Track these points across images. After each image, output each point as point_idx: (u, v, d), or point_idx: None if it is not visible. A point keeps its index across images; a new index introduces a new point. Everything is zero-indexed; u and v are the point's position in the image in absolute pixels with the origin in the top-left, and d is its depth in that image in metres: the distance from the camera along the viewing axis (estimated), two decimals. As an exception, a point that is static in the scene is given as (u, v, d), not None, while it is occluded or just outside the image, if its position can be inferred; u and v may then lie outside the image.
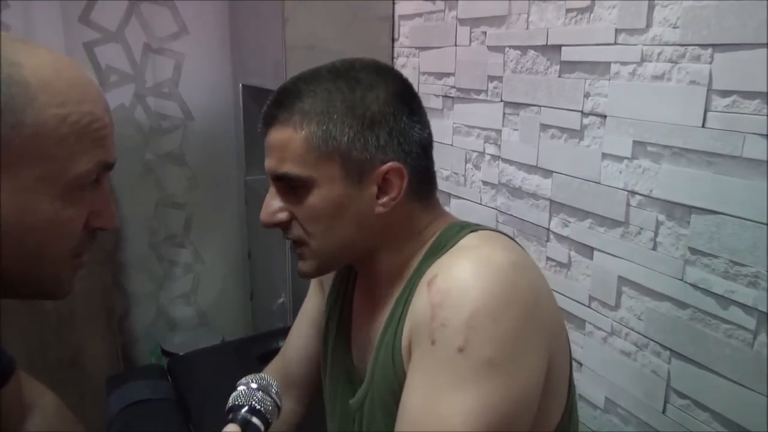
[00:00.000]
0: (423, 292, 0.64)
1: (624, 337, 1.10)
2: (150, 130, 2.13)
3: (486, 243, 0.69)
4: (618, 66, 1.05)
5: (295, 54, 1.62)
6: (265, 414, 0.63)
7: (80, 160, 0.54)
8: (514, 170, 1.32)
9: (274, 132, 0.69)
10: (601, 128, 1.09)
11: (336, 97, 0.67)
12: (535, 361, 0.62)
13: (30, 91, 0.51)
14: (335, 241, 0.71)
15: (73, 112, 0.53)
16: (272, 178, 0.71)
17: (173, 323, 2.33)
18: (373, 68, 0.71)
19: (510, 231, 1.35)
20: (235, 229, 2.34)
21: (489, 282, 0.61)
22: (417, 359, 0.63)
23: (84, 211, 0.57)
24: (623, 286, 1.09)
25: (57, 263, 0.57)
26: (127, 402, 1.27)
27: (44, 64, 0.53)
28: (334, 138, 0.66)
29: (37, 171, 0.52)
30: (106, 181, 0.60)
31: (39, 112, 0.51)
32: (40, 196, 0.53)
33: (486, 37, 1.36)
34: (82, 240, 0.58)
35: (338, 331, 0.84)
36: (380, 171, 0.68)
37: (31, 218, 0.53)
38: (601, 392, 1.16)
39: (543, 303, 0.65)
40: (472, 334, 0.58)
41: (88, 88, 0.56)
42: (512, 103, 1.31)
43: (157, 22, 2.06)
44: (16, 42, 0.53)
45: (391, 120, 0.69)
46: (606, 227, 1.11)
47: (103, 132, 0.56)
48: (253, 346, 1.54)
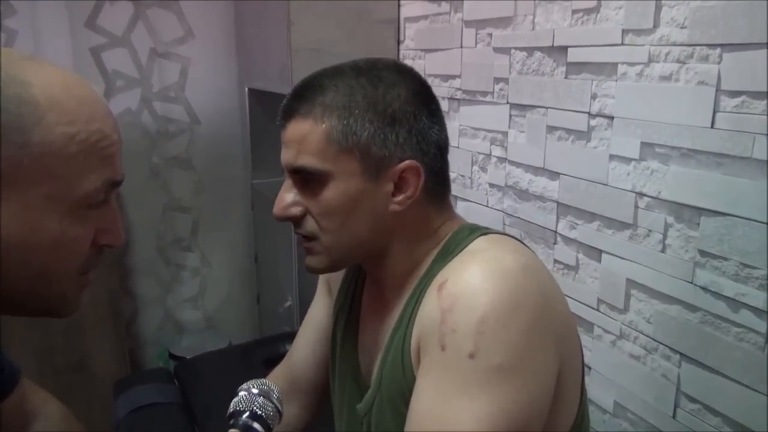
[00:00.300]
0: (433, 296, 0.64)
1: (633, 340, 1.09)
2: (157, 134, 2.13)
3: (495, 246, 0.68)
4: (625, 67, 1.04)
5: (300, 57, 1.62)
6: (266, 419, 0.63)
7: (88, 178, 0.54)
8: (521, 172, 1.32)
9: (294, 124, 0.68)
10: (608, 130, 1.08)
11: (358, 93, 0.68)
12: (546, 366, 0.62)
13: (39, 111, 0.51)
14: (348, 238, 0.70)
15: (82, 131, 0.53)
16: (288, 171, 0.71)
17: (181, 327, 2.33)
18: (395, 68, 0.72)
19: (517, 234, 1.34)
20: (242, 233, 2.34)
21: (498, 286, 0.60)
22: (426, 364, 0.63)
23: (91, 228, 0.57)
24: (632, 289, 1.08)
25: (63, 282, 0.56)
26: (134, 406, 1.27)
27: (53, 83, 0.53)
28: (355, 133, 0.67)
29: (44, 189, 0.52)
30: (113, 198, 0.60)
31: (47, 131, 0.51)
32: (47, 215, 0.53)
33: (492, 38, 1.36)
34: (89, 258, 0.58)
35: (346, 334, 0.84)
36: (397, 169, 0.68)
37: (37, 237, 0.52)
38: (610, 396, 1.14)
39: (553, 306, 0.64)
40: (482, 339, 0.58)
41: (96, 107, 0.56)
42: (518, 105, 1.30)
43: (163, 27, 2.06)
44: (25, 60, 0.53)
45: (411, 118, 0.69)
46: (614, 229, 1.10)
47: (110, 150, 0.56)
48: (259, 350, 1.54)
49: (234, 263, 2.36)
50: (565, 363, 0.65)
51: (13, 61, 0.52)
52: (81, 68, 1.96)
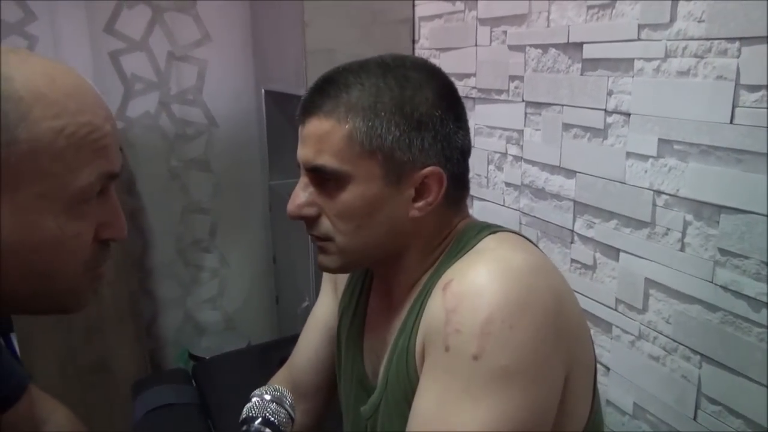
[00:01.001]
0: (438, 296, 0.62)
1: (652, 341, 1.07)
2: (175, 137, 2.15)
3: (503, 245, 0.67)
4: (642, 62, 1.02)
5: (315, 58, 1.62)
6: (278, 426, 0.63)
7: (81, 173, 0.52)
8: (537, 171, 1.30)
9: (315, 121, 0.66)
10: (625, 127, 1.07)
11: (385, 93, 0.65)
12: (553, 370, 0.60)
13: (23, 106, 0.48)
14: (363, 241, 0.68)
15: (70, 124, 0.51)
16: (305, 168, 0.68)
17: (200, 328, 2.35)
18: (423, 67, 0.69)
19: (533, 233, 1.33)
20: (260, 234, 2.35)
21: (505, 286, 0.59)
22: (430, 365, 0.62)
23: (92, 223, 0.55)
24: (650, 289, 1.06)
25: (70, 278, 0.55)
26: (152, 406, 1.28)
27: (37, 75, 0.50)
28: (379, 136, 0.64)
29: (36, 188, 0.50)
30: (112, 190, 0.58)
31: (33, 127, 0.49)
32: (42, 214, 0.51)
33: (506, 36, 1.35)
34: (94, 252, 0.56)
35: (350, 334, 0.82)
36: (420, 174, 0.66)
37: (35, 237, 0.51)
38: (630, 398, 1.12)
39: (564, 307, 0.62)
40: (487, 340, 0.56)
41: (85, 97, 0.53)
42: (534, 103, 1.28)
43: (181, 30, 2.08)
44: (7, 53, 0.51)
45: (437, 123, 0.67)
46: (632, 228, 1.08)
47: (103, 142, 0.53)
48: (275, 350, 1.54)
49: (252, 264, 2.38)
50: (575, 366, 0.63)
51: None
52: (100, 72, 1.98)
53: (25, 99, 0.49)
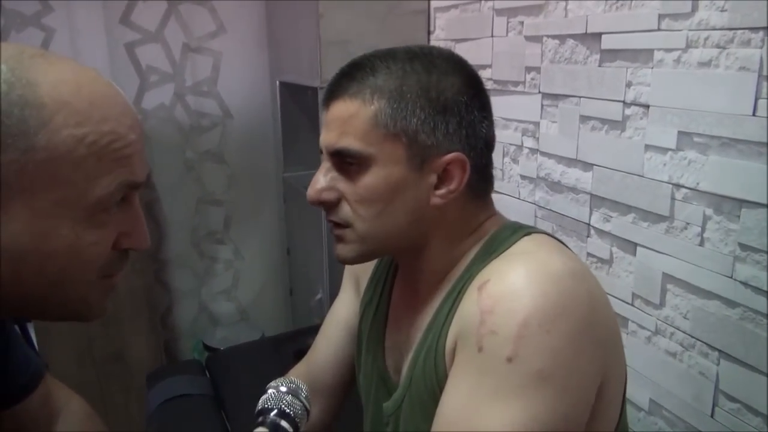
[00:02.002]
0: (473, 296, 0.61)
1: (669, 336, 1.05)
2: (190, 128, 2.16)
3: (542, 248, 0.65)
4: (662, 53, 1.00)
5: (330, 50, 1.62)
6: (294, 418, 0.63)
7: (101, 182, 0.51)
8: (553, 164, 1.28)
9: (340, 104, 0.65)
10: (644, 119, 1.05)
11: (411, 77, 0.64)
12: (587, 377, 0.59)
13: (45, 113, 0.48)
14: (383, 228, 0.67)
15: (92, 132, 0.50)
16: (328, 152, 0.67)
17: (215, 319, 2.37)
18: (449, 57, 0.69)
19: (549, 226, 1.31)
20: (274, 226, 2.35)
21: (544, 289, 0.57)
22: (460, 364, 0.60)
23: (111, 232, 0.54)
24: (668, 284, 1.04)
25: (83, 287, 0.54)
26: (166, 397, 1.29)
27: (63, 82, 0.50)
28: (404, 118, 0.63)
29: (54, 195, 0.49)
30: (135, 200, 0.57)
31: (53, 134, 0.48)
32: (59, 221, 0.50)
33: (523, 26, 1.33)
34: (110, 262, 0.55)
35: (372, 331, 0.81)
36: (443, 160, 0.65)
37: (50, 244, 0.50)
38: (645, 394, 1.11)
39: (601, 314, 0.61)
40: (523, 343, 0.55)
41: (111, 106, 0.52)
42: (550, 95, 1.27)
43: (196, 22, 2.08)
44: (35, 57, 0.50)
45: (463, 110, 0.66)
46: (650, 222, 1.06)
47: (126, 151, 0.53)
48: (288, 342, 1.54)
49: (266, 256, 2.38)
50: (609, 373, 0.62)
51: (22, 60, 0.49)
52: (116, 64, 1.99)
53: (48, 106, 0.48)
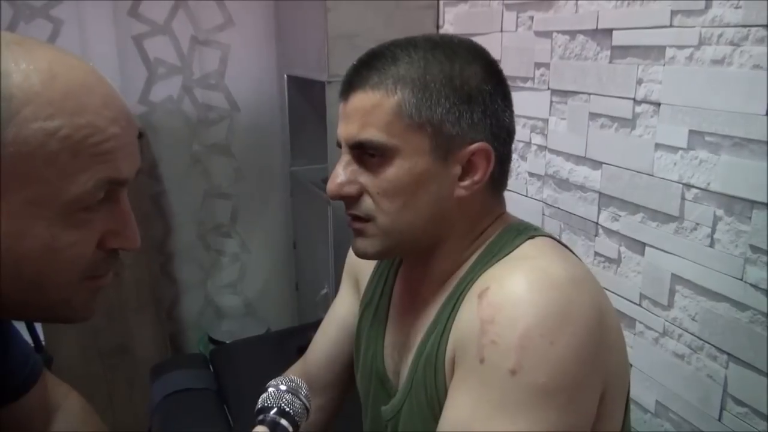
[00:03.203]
0: (472, 303, 0.60)
1: (677, 338, 1.04)
2: (197, 121, 2.15)
3: (544, 254, 0.63)
4: (674, 50, 0.98)
5: (337, 43, 1.60)
6: (293, 416, 0.62)
7: (77, 179, 0.47)
8: (562, 161, 1.27)
9: (360, 95, 0.63)
10: (654, 117, 1.03)
11: (434, 66, 0.63)
12: (592, 389, 0.58)
13: (13, 105, 0.45)
14: (407, 221, 0.65)
15: (65, 125, 0.46)
16: (348, 145, 0.65)
17: (221, 312, 2.37)
18: (470, 45, 0.67)
19: (556, 224, 1.30)
20: (281, 220, 2.35)
21: (545, 298, 0.56)
22: (462, 376, 0.59)
23: (94, 232, 0.51)
24: (677, 285, 1.03)
25: (64, 289, 0.51)
26: (169, 391, 1.29)
27: (36, 71, 0.46)
28: (429, 107, 0.62)
29: (25, 194, 0.46)
30: (123, 197, 0.54)
31: (21, 128, 0.45)
32: (32, 221, 0.47)
33: (533, 22, 1.31)
34: (95, 262, 0.52)
35: (371, 331, 0.80)
36: (468, 150, 0.63)
37: (25, 245, 0.47)
38: (652, 395, 1.10)
39: (605, 322, 0.59)
40: (526, 355, 0.54)
41: (89, 97, 0.48)
42: (560, 91, 1.25)
43: (204, 14, 2.07)
44: (11, 45, 0.47)
45: (487, 98, 0.64)
46: (659, 222, 1.05)
47: (105, 146, 0.49)
48: (292, 337, 1.54)
49: (273, 250, 2.38)
50: (611, 382, 0.60)
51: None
52: (124, 56, 1.98)
53: (17, 97, 0.45)
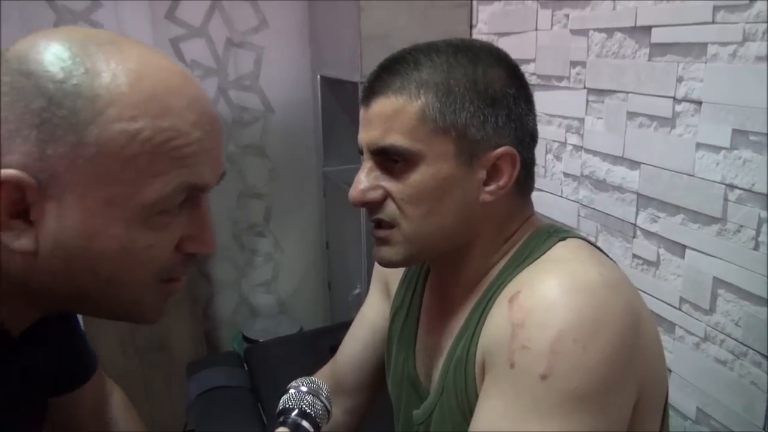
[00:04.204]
0: (503, 307, 0.58)
1: (719, 344, 1.01)
2: (232, 122, 2.18)
3: (577, 256, 0.62)
4: (716, 47, 0.95)
5: (370, 44, 1.60)
6: (315, 418, 0.62)
7: (154, 182, 0.47)
8: (598, 161, 1.24)
9: (383, 100, 0.62)
10: (695, 116, 1.00)
11: (457, 70, 0.62)
12: (625, 396, 0.56)
13: (97, 105, 0.45)
14: (432, 228, 0.64)
15: (146, 128, 0.46)
16: (370, 151, 0.64)
17: (254, 311, 2.40)
18: (492, 49, 0.66)
19: (593, 226, 1.27)
20: (314, 220, 2.36)
21: (579, 302, 0.54)
22: (492, 381, 0.58)
23: (172, 235, 0.51)
24: (719, 289, 1.00)
25: (137, 289, 0.51)
26: (204, 388, 1.30)
27: (124, 71, 0.46)
28: (454, 111, 0.61)
29: (104, 194, 0.46)
30: (203, 202, 0.53)
31: (104, 129, 0.45)
32: (111, 221, 0.47)
33: (569, 20, 1.29)
34: (171, 265, 0.52)
35: (403, 335, 0.79)
36: (493, 154, 0.62)
37: (102, 244, 0.47)
38: (692, 402, 1.07)
39: (641, 328, 0.57)
40: (557, 360, 0.52)
41: (174, 100, 0.48)
42: (596, 90, 1.23)
43: (239, 17, 2.10)
44: (104, 44, 0.47)
45: (511, 102, 0.63)
46: (700, 224, 1.02)
47: (187, 150, 0.48)
48: (325, 337, 1.54)
49: (306, 249, 2.40)
50: (647, 388, 0.59)
51: (88, 46, 0.46)
52: (161, 59, 2.02)
53: (102, 97, 0.45)
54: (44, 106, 0.44)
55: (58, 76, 0.45)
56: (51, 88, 0.45)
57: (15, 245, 0.46)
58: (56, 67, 0.45)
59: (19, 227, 0.46)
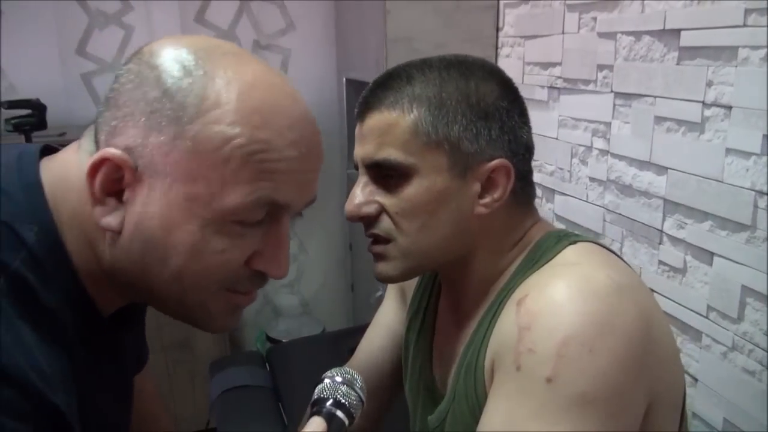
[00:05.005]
0: (511, 311, 0.59)
1: (747, 353, 0.98)
2: (258, 124, 2.20)
3: (587, 260, 0.61)
4: (747, 51, 0.93)
5: (396, 46, 1.61)
6: (349, 408, 0.62)
7: (237, 189, 0.48)
8: (625, 166, 1.23)
9: (377, 115, 0.63)
10: (725, 120, 0.98)
11: (449, 84, 0.63)
12: (634, 402, 0.55)
13: (204, 105, 0.47)
14: (428, 241, 0.64)
15: (243, 135, 0.47)
16: (365, 165, 0.65)
17: (278, 311, 2.42)
18: (484, 64, 0.67)
19: (618, 231, 1.26)
20: (338, 222, 2.38)
21: (586, 306, 0.54)
22: (499, 383, 0.58)
23: (244, 248, 0.51)
24: (747, 297, 0.97)
25: (200, 293, 0.52)
26: (227, 387, 1.32)
27: (238, 81, 0.48)
28: (446, 124, 0.62)
29: (188, 189, 0.48)
30: (283, 222, 0.53)
31: (203, 127, 0.47)
32: (189, 217, 0.48)
33: (596, 23, 1.27)
34: (237, 277, 0.52)
35: (419, 341, 0.79)
36: (487, 167, 0.63)
37: (176, 237, 0.49)
38: (719, 412, 1.05)
39: (653, 333, 0.56)
40: (563, 363, 0.52)
41: (276, 116, 0.49)
42: (623, 94, 1.21)
43: (266, 19, 2.12)
44: (228, 55, 0.50)
45: (504, 115, 0.64)
46: (729, 231, 1.00)
47: (275, 165, 0.49)
48: (347, 338, 1.54)
49: (329, 251, 2.41)
50: (660, 394, 0.58)
51: (213, 54, 0.50)
52: (190, 61, 2.06)
53: (210, 99, 0.48)
54: (158, 97, 0.48)
55: (177, 73, 0.48)
56: (168, 82, 0.48)
57: (103, 221, 0.49)
58: (178, 65, 0.49)
59: (110, 205, 0.49)
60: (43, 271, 0.48)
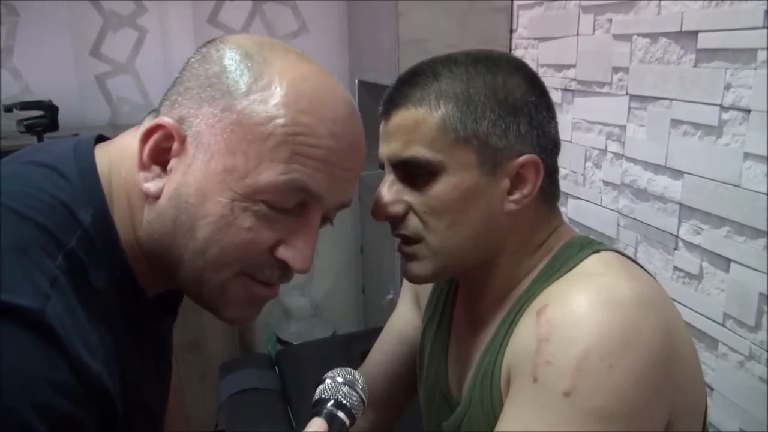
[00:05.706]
0: (530, 320, 0.57)
1: (765, 363, 0.96)
2: (271, 125, 2.21)
3: (610, 270, 0.60)
4: (766, 53, 0.91)
5: (408, 48, 1.60)
6: (350, 409, 0.61)
7: (270, 167, 0.50)
8: (640, 170, 1.21)
9: (403, 112, 0.62)
10: (743, 124, 0.96)
11: (477, 80, 0.62)
12: (654, 419, 0.54)
13: (257, 85, 0.51)
14: (457, 240, 0.63)
15: (286, 116, 0.50)
16: (392, 164, 0.64)
17: (289, 313, 2.41)
18: (510, 59, 0.66)
19: (632, 236, 1.24)
20: (349, 224, 2.37)
21: (608, 319, 0.52)
22: (515, 394, 0.57)
23: (271, 232, 0.52)
24: (765, 305, 0.95)
25: (223, 270, 0.52)
26: (236, 389, 1.31)
27: (293, 69, 0.52)
28: (474, 120, 0.60)
29: (225, 161, 0.50)
30: (315, 217, 0.54)
31: (251, 104, 0.50)
32: (222, 188, 0.50)
33: (611, 24, 1.26)
34: (259, 261, 0.53)
35: (435, 346, 0.78)
36: (516, 163, 0.62)
37: (208, 206, 0.50)
38: (735, 423, 1.02)
39: (675, 348, 0.55)
40: (582, 377, 0.51)
41: (322, 107, 0.52)
42: (639, 97, 1.19)
43: (279, 21, 2.12)
44: (291, 52, 0.54)
45: (532, 110, 0.63)
46: (746, 237, 0.97)
47: (312, 151, 0.50)
48: (357, 341, 1.54)
49: (340, 253, 2.40)
50: (682, 410, 0.56)
51: (275, 47, 0.54)
52: (203, 63, 2.06)
53: (263, 80, 0.51)
54: (217, 72, 0.52)
55: (239, 56, 0.52)
56: (228, 62, 0.52)
57: (144, 186, 0.52)
58: (242, 50, 0.53)
59: (155, 172, 0.52)
60: (96, 251, 0.50)
